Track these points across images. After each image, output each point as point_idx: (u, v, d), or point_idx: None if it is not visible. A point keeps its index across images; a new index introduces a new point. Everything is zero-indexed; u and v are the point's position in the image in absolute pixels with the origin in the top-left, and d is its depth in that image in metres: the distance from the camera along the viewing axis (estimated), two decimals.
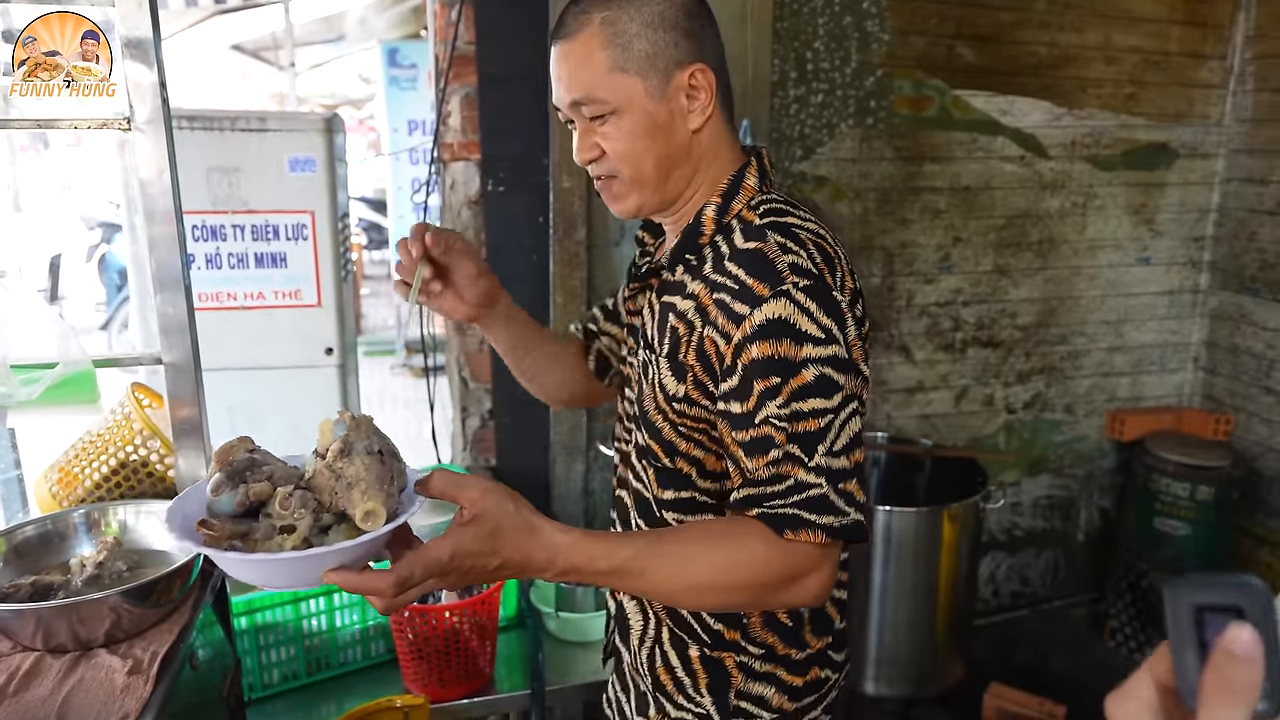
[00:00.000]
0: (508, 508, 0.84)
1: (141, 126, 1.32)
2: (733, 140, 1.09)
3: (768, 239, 0.97)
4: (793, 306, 0.92)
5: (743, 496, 0.93)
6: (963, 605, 2.53)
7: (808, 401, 0.91)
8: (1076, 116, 2.81)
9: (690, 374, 1.00)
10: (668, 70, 1.00)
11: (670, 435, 1.05)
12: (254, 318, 2.21)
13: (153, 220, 1.37)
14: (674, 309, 1.03)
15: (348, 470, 0.81)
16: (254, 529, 0.82)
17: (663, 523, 1.10)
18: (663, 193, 1.06)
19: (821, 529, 0.89)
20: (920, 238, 2.76)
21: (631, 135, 1.02)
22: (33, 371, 1.27)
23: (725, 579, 0.91)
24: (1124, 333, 3.05)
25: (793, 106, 2.52)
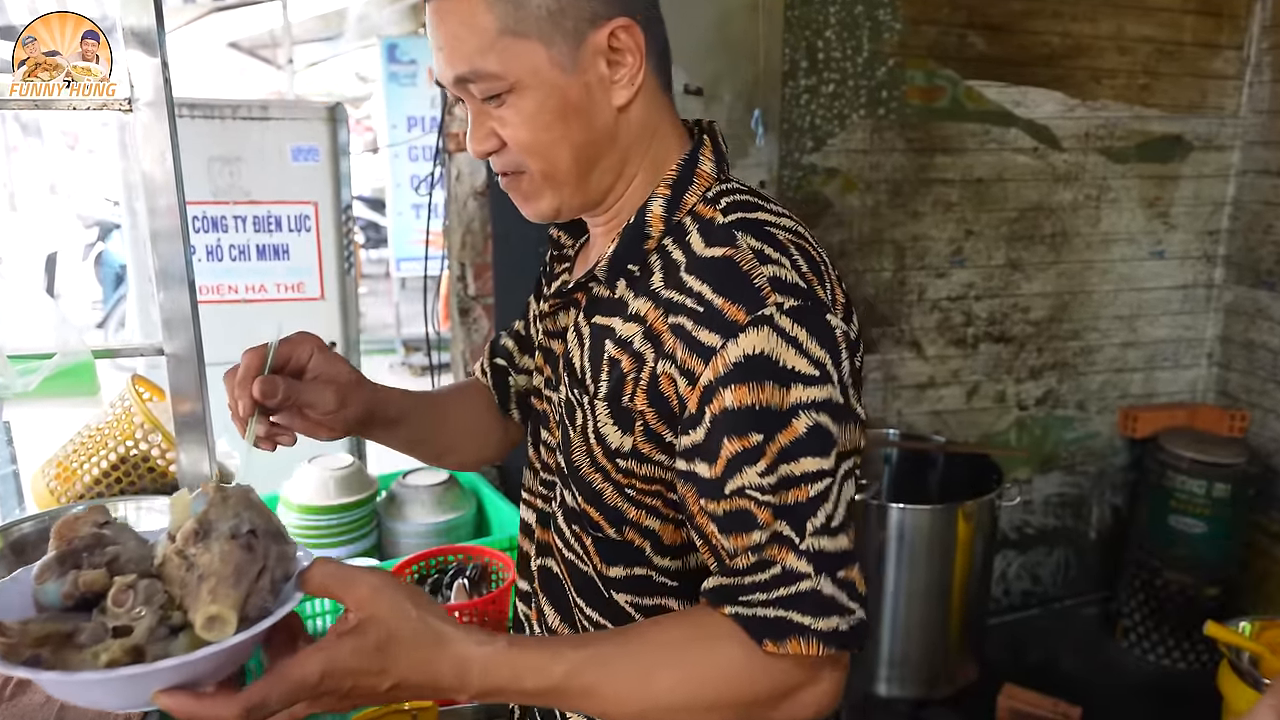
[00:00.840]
0: (407, 613, 0.66)
1: (143, 108, 1.28)
2: (672, 113, 0.85)
3: (738, 243, 0.75)
4: (777, 337, 0.70)
5: (714, 586, 0.73)
6: (976, 605, 2.50)
7: (799, 462, 0.70)
8: (1090, 108, 2.77)
9: (640, 422, 0.76)
10: (579, 30, 0.76)
11: (615, 500, 0.80)
12: (255, 311, 2.16)
13: (155, 204, 1.33)
14: (612, 335, 0.79)
15: (200, 559, 0.66)
16: (80, 629, 0.66)
17: (613, 606, 0.86)
18: (585, 190, 0.83)
19: (817, 637, 0.68)
20: (932, 230, 2.72)
21: (536, 119, 0.78)
22: (30, 362, 1.22)
23: (694, 699, 0.71)
24: (1137, 328, 3.01)
25: (803, 97, 2.48)
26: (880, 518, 2.33)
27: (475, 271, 2.21)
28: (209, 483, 0.71)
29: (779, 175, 2.48)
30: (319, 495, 1.87)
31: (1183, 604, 2.82)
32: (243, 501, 0.70)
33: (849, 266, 2.65)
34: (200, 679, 0.64)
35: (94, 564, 0.68)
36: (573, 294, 0.87)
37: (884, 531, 2.33)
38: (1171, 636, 2.87)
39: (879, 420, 2.78)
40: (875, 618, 2.39)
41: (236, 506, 0.69)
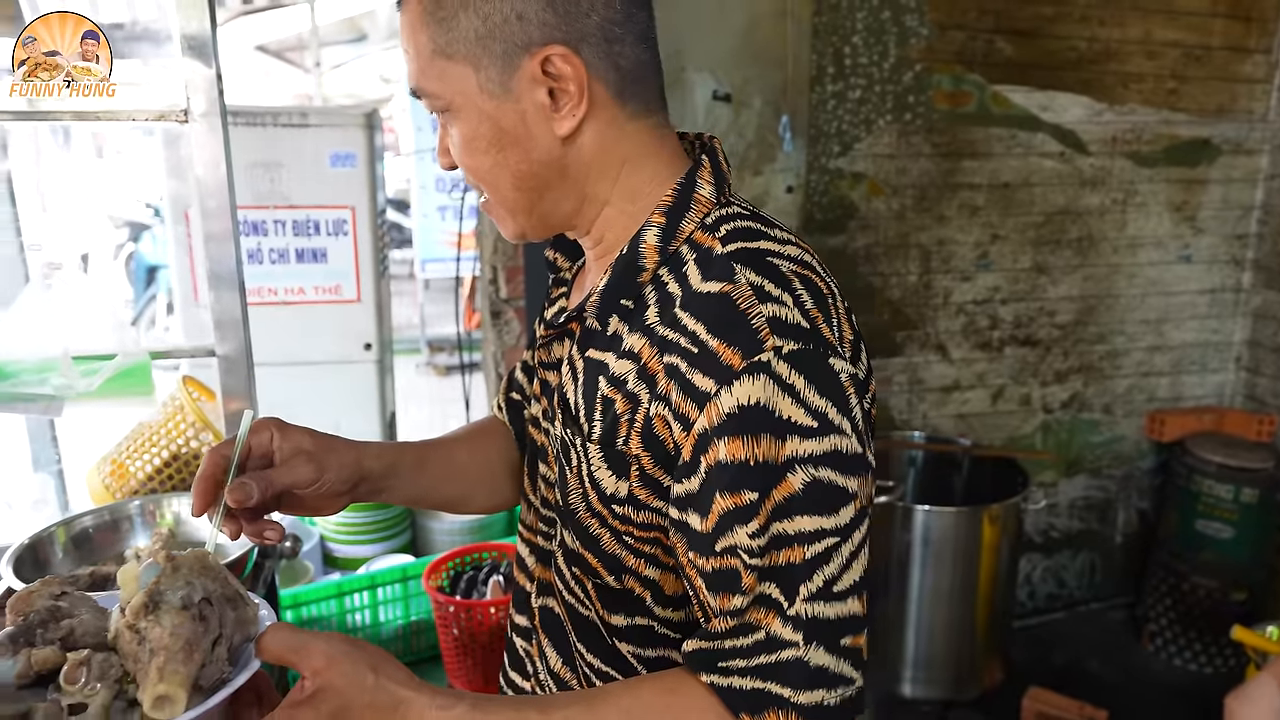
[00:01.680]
0: (364, 680, 0.65)
1: (198, 119, 1.33)
2: (658, 138, 0.79)
3: (736, 278, 0.70)
4: (773, 385, 0.65)
5: (693, 650, 0.69)
6: (1002, 607, 2.51)
7: (794, 520, 0.65)
8: (1117, 112, 2.77)
9: (635, 467, 0.72)
10: (509, 56, 0.72)
11: (613, 546, 0.77)
12: (294, 313, 2.22)
13: (207, 208, 1.37)
14: (606, 371, 0.75)
15: (151, 632, 0.64)
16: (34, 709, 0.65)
17: (615, 654, 0.82)
18: (540, 216, 0.79)
19: (797, 711, 0.64)
20: (958, 235, 2.73)
21: (471, 144, 0.75)
22: (91, 363, 1.27)
23: None
24: (1164, 332, 3.01)
25: (830, 102, 2.50)
26: (905, 520, 2.35)
27: (507, 275, 2.25)
28: (160, 549, 0.69)
29: (806, 180, 2.51)
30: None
31: (1209, 608, 2.82)
32: (195, 568, 0.68)
33: (875, 270, 2.67)
34: None
35: (48, 639, 0.67)
36: (566, 324, 0.83)
37: (909, 534, 2.35)
38: (1198, 641, 2.86)
39: (904, 423, 2.79)
40: (900, 619, 2.41)
41: (189, 574, 0.67)
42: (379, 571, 1.81)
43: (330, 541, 1.97)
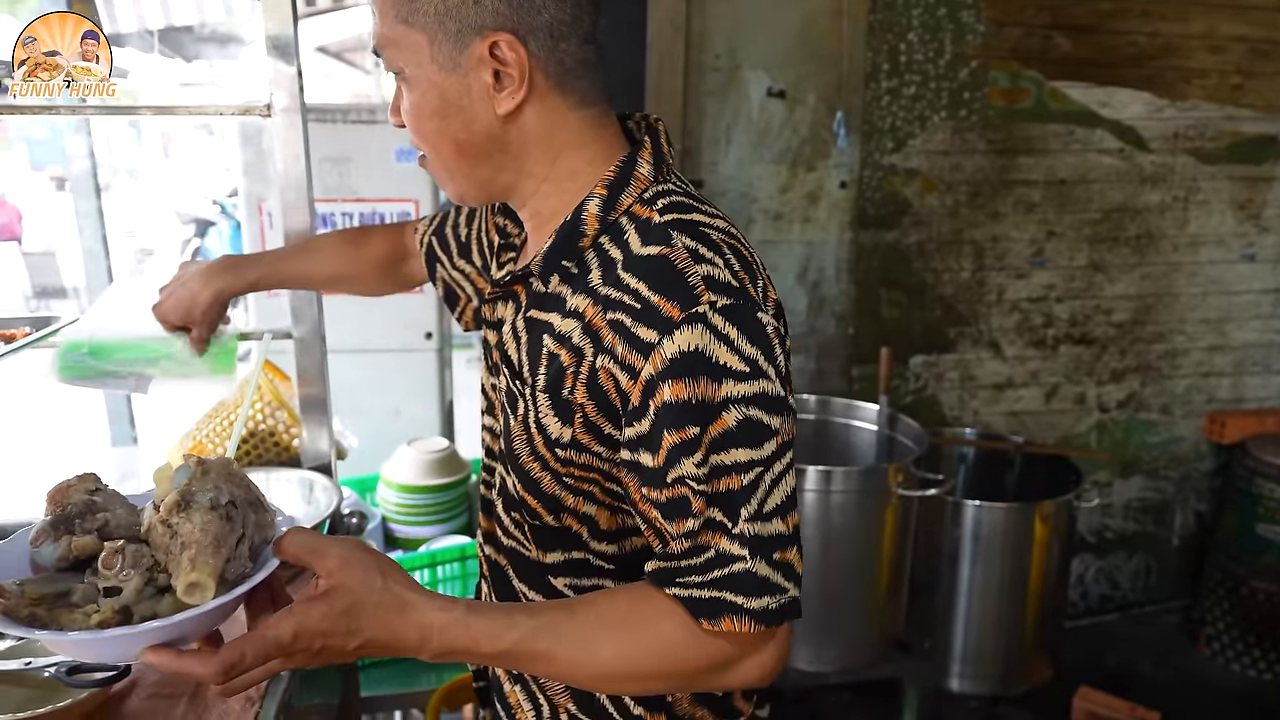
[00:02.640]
0: (373, 581, 0.71)
1: (280, 114, 1.40)
2: (597, 126, 0.85)
3: (673, 242, 0.77)
4: (709, 334, 0.73)
5: (656, 569, 0.77)
6: (1052, 605, 2.49)
7: (730, 453, 0.73)
8: (1179, 108, 2.73)
9: (579, 414, 0.79)
10: (462, 34, 0.78)
11: (553, 488, 0.83)
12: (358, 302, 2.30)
13: (287, 200, 1.45)
14: (551, 330, 0.82)
15: (182, 528, 0.69)
16: (73, 589, 0.71)
17: (555, 592, 0.89)
18: (478, 182, 0.86)
19: (749, 615, 0.73)
20: (1012, 231, 2.72)
21: (418, 109, 0.82)
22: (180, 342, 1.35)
23: (638, 668, 0.77)
24: (1225, 331, 2.95)
25: (884, 98, 2.51)
26: (955, 515, 2.35)
27: None
28: (191, 455, 0.75)
29: (860, 176, 2.52)
30: (415, 475, 1.99)
31: (1269, 613, 2.76)
32: (223, 474, 0.73)
33: (927, 266, 2.67)
34: (183, 638, 0.70)
35: (85, 529, 0.72)
36: (510, 286, 0.90)
37: (959, 529, 2.35)
38: (1257, 646, 2.81)
39: (955, 419, 2.79)
40: (948, 613, 2.41)
41: (216, 479, 0.73)
42: (439, 550, 1.88)
43: (392, 522, 2.05)
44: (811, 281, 2.56)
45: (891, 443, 2.31)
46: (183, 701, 1.08)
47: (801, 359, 2.60)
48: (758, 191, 2.45)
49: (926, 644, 2.39)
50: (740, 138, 2.41)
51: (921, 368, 2.74)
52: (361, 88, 9.40)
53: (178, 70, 6.16)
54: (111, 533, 0.72)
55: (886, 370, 2.27)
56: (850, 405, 2.42)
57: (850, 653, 2.14)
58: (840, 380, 2.64)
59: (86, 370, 1.34)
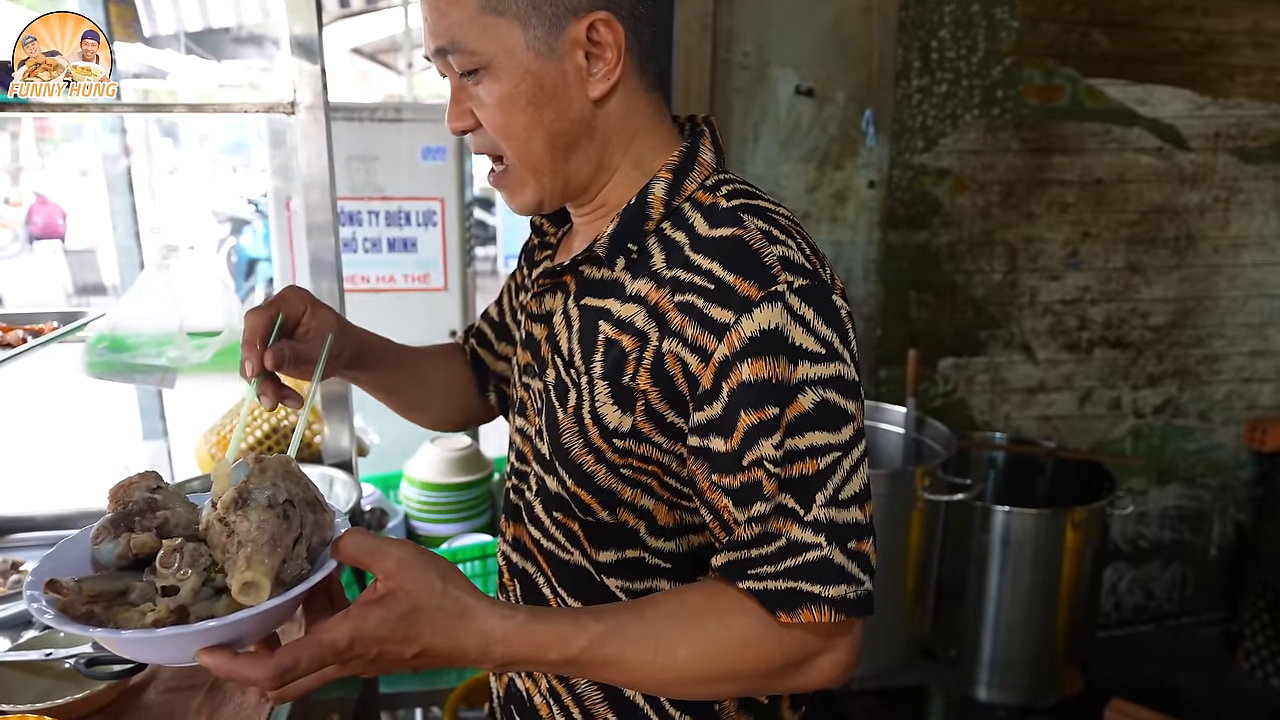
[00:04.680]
0: (432, 586, 0.68)
1: (304, 111, 1.41)
2: (659, 114, 0.85)
3: (745, 224, 0.76)
4: (787, 314, 0.71)
5: (725, 563, 0.74)
6: (1084, 615, 2.44)
7: (805, 437, 0.71)
8: (1221, 106, 2.66)
9: (642, 401, 0.77)
10: (558, 18, 0.76)
11: (609, 481, 0.80)
12: (384, 300, 2.32)
13: (310, 198, 1.46)
14: (609, 316, 0.80)
15: (239, 526, 0.68)
16: (131, 587, 0.70)
17: (602, 591, 0.85)
18: (565, 178, 0.83)
19: (829, 604, 0.70)
20: (1046, 232, 2.66)
21: (510, 101, 0.78)
22: (202, 339, 1.37)
23: (712, 670, 0.73)
24: (1268, 336, 2.87)
25: (915, 97, 2.47)
26: (984, 520, 2.31)
27: None
28: (253, 453, 0.73)
29: (889, 175, 2.49)
30: (438, 473, 2.00)
31: None
32: (280, 472, 0.72)
33: (958, 268, 2.63)
34: (239, 639, 0.67)
35: (145, 527, 0.71)
36: (562, 276, 0.87)
37: (987, 534, 2.31)
38: None
39: (985, 423, 2.74)
40: (976, 621, 2.37)
41: (274, 477, 0.71)
42: (460, 548, 1.88)
43: (414, 519, 2.05)
44: None
45: (919, 446, 2.27)
46: (200, 694, 1.09)
47: None
48: (785, 191, 2.43)
49: (953, 652, 2.35)
50: (768, 136, 2.38)
51: (951, 371, 2.69)
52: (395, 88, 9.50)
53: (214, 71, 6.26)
54: (170, 531, 0.71)
55: (914, 373, 2.24)
56: (877, 408, 2.38)
57: (875, 659, 2.11)
58: (868, 382, 2.60)
59: (112, 365, 1.36)
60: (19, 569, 1.32)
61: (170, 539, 0.70)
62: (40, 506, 1.61)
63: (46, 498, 1.74)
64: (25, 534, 1.55)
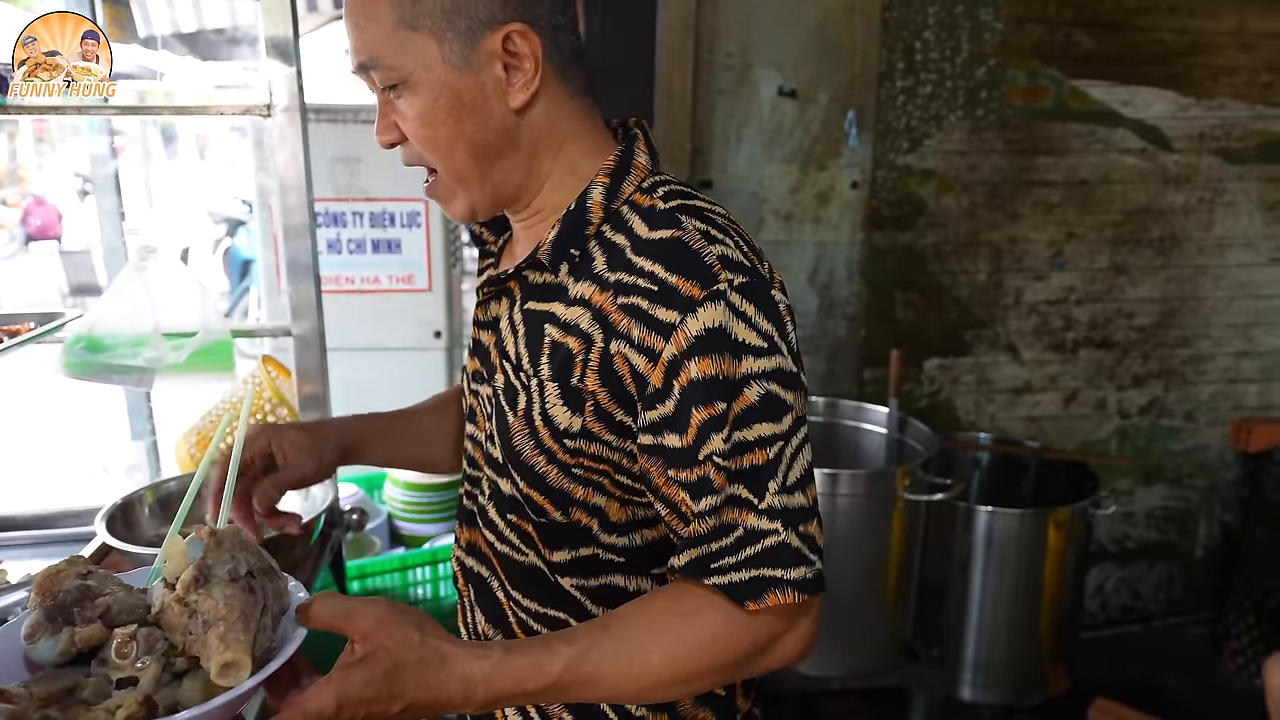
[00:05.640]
0: (411, 639, 0.69)
1: (279, 113, 1.42)
2: (590, 117, 0.87)
3: (684, 225, 0.78)
4: (730, 312, 0.74)
5: (687, 561, 0.76)
6: (1068, 615, 2.44)
7: (753, 429, 0.74)
8: (1206, 107, 2.67)
9: (591, 402, 0.79)
10: (472, 31, 0.78)
11: (560, 481, 0.82)
12: (369, 301, 2.33)
13: (286, 201, 1.47)
14: (554, 319, 0.81)
15: (203, 605, 0.65)
16: (81, 684, 0.65)
17: (556, 591, 0.87)
18: (492, 186, 0.84)
19: (792, 586, 0.73)
20: (1031, 233, 2.67)
21: (430, 114, 0.79)
22: (178, 339, 1.38)
23: (688, 669, 0.75)
24: (1253, 337, 2.88)
25: (900, 98, 2.48)
26: (967, 520, 2.31)
27: None
28: (202, 526, 0.71)
29: (873, 176, 2.49)
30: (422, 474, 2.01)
31: None
32: (236, 543, 0.70)
33: (943, 268, 2.63)
34: None
35: (86, 618, 0.67)
36: (507, 283, 0.88)
37: (970, 534, 2.32)
38: None
39: (970, 424, 2.75)
40: (960, 621, 2.37)
41: (232, 549, 0.69)
42: (441, 548, 1.89)
43: (397, 519, 2.06)
44: (822, 283, 2.54)
45: (901, 446, 2.28)
46: None
47: (812, 360, 2.58)
48: (768, 191, 2.44)
49: (935, 652, 2.36)
50: (751, 137, 2.39)
51: (937, 371, 2.70)
52: None
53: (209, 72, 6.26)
54: (115, 619, 0.68)
55: (897, 373, 2.24)
56: (860, 408, 2.39)
57: (856, 658, 2.12)
58: (852, 383, 2.61)
59: (89, 365, 1.37)
60: None
61: (124, 627, 0.67)
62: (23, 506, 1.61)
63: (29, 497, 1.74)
64: (7, 533, 1.56)
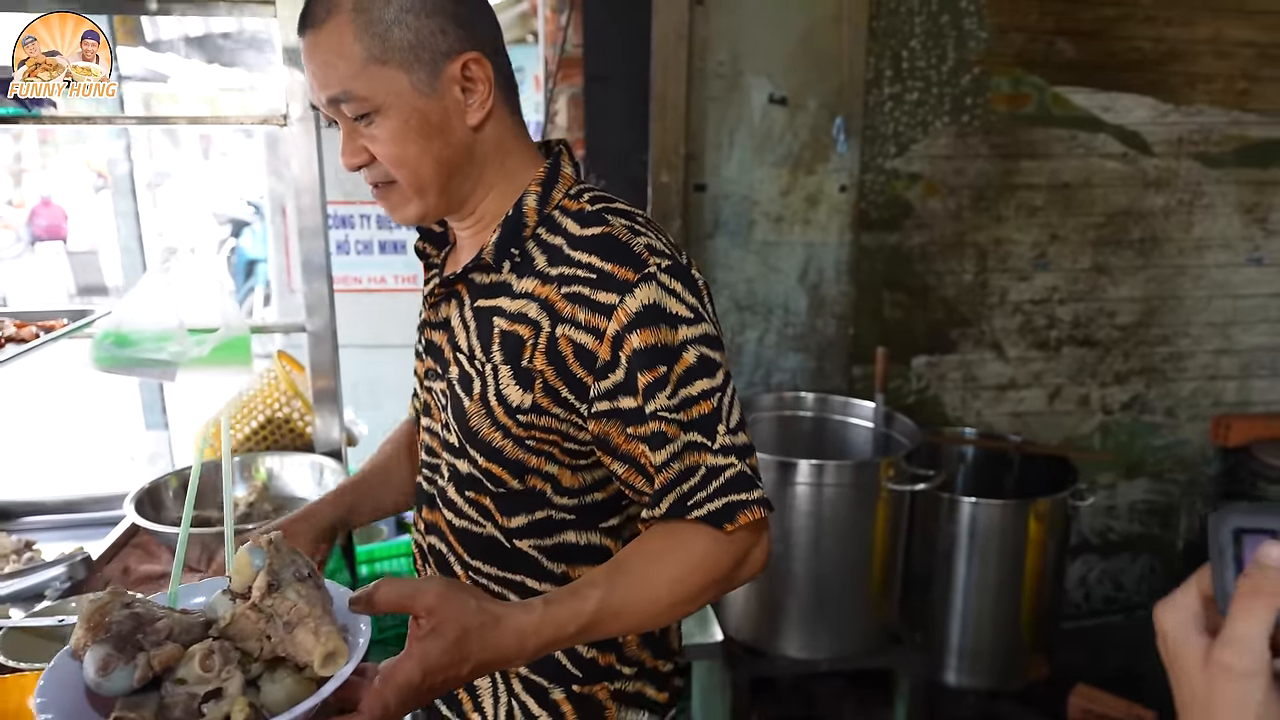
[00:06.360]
0: (468, 606, 0.77)
1: (295, 123, 1.51)
2: (524, 133, 1.00)
3: (611, 222, 0.92)
4: (661, 290, 0.88)
5: (667, 507, 0.88)
6: (1048, 603, 2.53)
7: (695, 385, 0.88)
8: (1184, 113, 2.76)
9: (540, 380, 0.91)
10: (435, 61, 0.90)
11: (516, 453, 0.94)
12: (376, 300, 2.42)
13: (301, 204, 1.56)
14: (502, 312, 0.94)
15: (281, 607, 0.69)
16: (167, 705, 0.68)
17: (515, 554, 0.99)
18: (448, 196, 0.95)
19: (757, 504, 0.87)
20: (1015, 234, 2.76)
21: (402, 136, 0.90)
22: (201, 335, 1.47)
23: (690, 589, 0.87)
24: (1231, 335, 2.97)
25: (887, 104, 2.57)
26: (951, 511, 2.40)
27: None
28: (259, 534, 0.76)
29: (860, 179, 2.58)
30: None
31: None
32: (288, 548, 0.75)
33: (930, 268, 2.72)
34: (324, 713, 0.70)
35: (153, 641, 0.69)
36: (455, 285, 0.99)
37: (954, 525, 2.40)
38: None
39: (957, 419, 2.84)
40: (945, 608, 2.46)
41: (288, 554, 0.74)
42: None
43: None
44: (812, 283, 2.63)
45: (888, 439, 2.37)
46: None
47: (802, 358, 2.67)
48: (759, 195, 2.53)
49: (918, 636, 2.45)
50: (742, 142, 2.48)
51: (924, 368, 2.79)
52: None
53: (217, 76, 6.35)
54: (181, 638, 0.71)
55: (882, 369, 2.33)
56: (848, 403, 2.48)
57: (843, 642, 2.21)
58: (841, 379, 2.70)
59: (117, 359, 1.46)
60: (31, 547, 1.42)
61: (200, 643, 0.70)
62: (50, 492, 1.71)
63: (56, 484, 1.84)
64: (36, 517, 1.65)
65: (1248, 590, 0.46)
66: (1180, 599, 0.52)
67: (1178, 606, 0.52)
